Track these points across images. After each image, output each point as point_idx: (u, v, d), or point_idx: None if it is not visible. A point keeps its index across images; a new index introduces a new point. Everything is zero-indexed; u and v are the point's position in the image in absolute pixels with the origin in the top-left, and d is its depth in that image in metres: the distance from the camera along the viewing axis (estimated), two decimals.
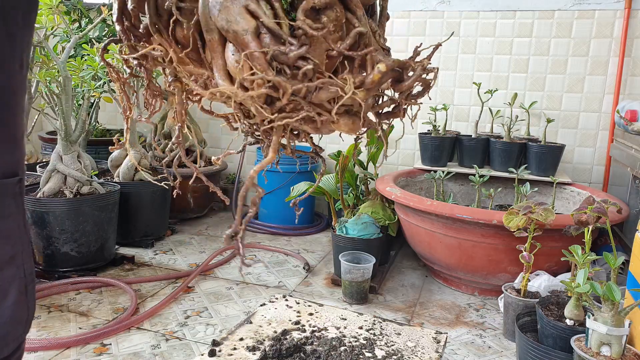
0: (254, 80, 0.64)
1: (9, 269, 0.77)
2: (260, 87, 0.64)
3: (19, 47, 0.76)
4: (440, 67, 3.04)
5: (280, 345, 1.44)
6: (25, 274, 0.80)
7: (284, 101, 0.66)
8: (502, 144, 2.61)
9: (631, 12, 2.64)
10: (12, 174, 0.78)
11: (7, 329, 0.78)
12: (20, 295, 0.79)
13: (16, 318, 0.79)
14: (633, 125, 2.24)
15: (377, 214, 2.44)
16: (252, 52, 0.63)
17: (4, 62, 0.73)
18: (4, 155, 0.76)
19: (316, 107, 0.68)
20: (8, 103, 0.75)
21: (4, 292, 0.77)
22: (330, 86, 0.65)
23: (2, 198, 0.76)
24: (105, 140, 3.48)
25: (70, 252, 2.27)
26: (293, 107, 0.68)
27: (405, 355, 1.43)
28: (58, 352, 1.68)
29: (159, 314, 1.98)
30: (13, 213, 0.78)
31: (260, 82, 0.63)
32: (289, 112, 0.68)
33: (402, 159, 3.22)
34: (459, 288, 2.34)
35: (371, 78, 0.65)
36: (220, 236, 3.01)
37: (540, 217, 1.82)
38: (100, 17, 2.34)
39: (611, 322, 1.28)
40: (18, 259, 0.79)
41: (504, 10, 2.87)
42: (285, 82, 0.64)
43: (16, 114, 0.77)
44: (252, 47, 0.63)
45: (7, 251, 0.77)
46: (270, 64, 0.64)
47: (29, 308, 0.82)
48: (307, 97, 0.67)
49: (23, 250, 0.80)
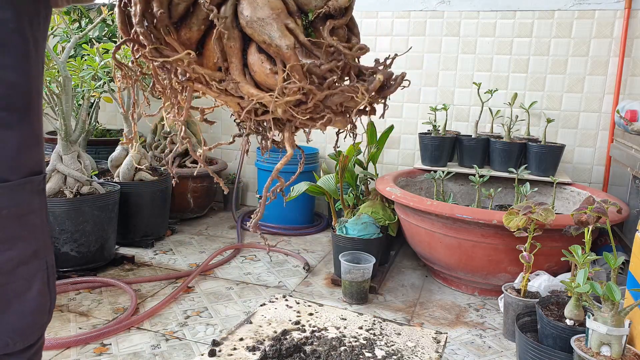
0: (291, 88, 0.76)
1: (33, 262, 0.83)
2: (295, 94, 0.76)
3: (42, 49, 0.81)
4: (440, 67, 3.04)
5: (280, 345, 1.44)
6: (47, 265, 0.86)
7: (310, 105, 0.78)
8: (502, 144, 2.61)
9: (631, 12, 2.64)
10: (38, 172, 0.83)
11: (33, 318, 0.84)
12: (44, 286, 0.85)
13: (40, 308, 0.85)
14: (633, 125, 2.24)
15: (377, 214, 2.44)
16: (295, 65, 0.75)
17: (32, 66, 0.78)
18: (32, 154, 0.82)
19: (329, 109, 0.81)
20: (35, 105, 0.81)
21: (29, 284, 0.82)
22: (345, 93, 0.78)
23: (29, 195, 0.81)
24: (105, 140, 3.48)
25: (70, 252, 2.27)
26: (313, 109, 0.80)
27: (405, 355, 1.43)
28: (58, 352, 1.68)
29: (159, 314, 1.98)
30: (37, 209, 0.83)
31: (296, 89, 0.75)
32: (310, 113, 0.81)
33: (402, 159, 3.22)
34: (459, 288, 2.34)
35: (373, 86, 0.78)
36: (221, 236, 3.01)
37: (540, 217, 1.82)
38: (100, 17, 2.34)
39: (611, 322, 1.28)
40: (41, 253, 0.84)
41: (504, 10, 2.87)
42: (317, 90, 0.76)
43: (40, 115, 0.83)
44: (293, 60, 0.75)
45: (32, 245, 0.82)
46: (305, 75, 0.76)
47: (51, 298, 0.87)
48: (324, 102, 0.79)
49: (45, 244, 0.86)
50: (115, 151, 2.78)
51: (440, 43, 3.02)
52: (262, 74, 0.78)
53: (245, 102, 0.81)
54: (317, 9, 0.78)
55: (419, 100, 3.12)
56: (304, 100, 0.78)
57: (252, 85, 0.79)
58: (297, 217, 3.16)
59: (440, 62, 3.03)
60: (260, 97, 0.78)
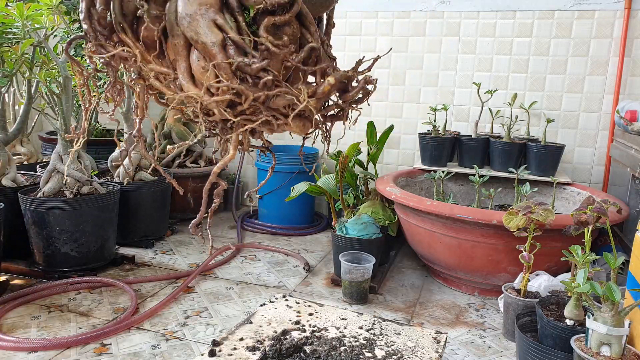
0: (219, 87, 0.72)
1: None
2: (225, 93, 0.73)
3: None
4: (440, 67, 3.04)
5: (280, 345, 1.44)
6: None
7: (245, 106, 0.75)
8: (502, 144, 2.61)
9: (631, 12, 2.64)
10: None
11: None
12: None
13: None
14: (633, 125, 2.24)
15: (377, 214, 2.44)
16: (219, 62, 0.71)
17: None
18: None
19: (273, 111, 0.78)
20: None
21: None
22: (287, 95, 0.75)
23: None
24: (105, 140, 3.48)
25: (70, 252, 2.27)
26: (253, 111, 0.77)
27: (405, 355, 1.43)
28: (58, 352, 1.68)
29: (159, 314, 1.98)
30: None
31: (225, 89, 0.72)
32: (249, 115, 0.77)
33: (402, 159, 3.22)
34: (459, 288, 2.34)
35: (322, 89, 0.76)
36: (221, 236, 3.01)
37: (540, 217, 1.82)
38: None
39: (611, 322, 1.28)
40: None
41: (504, 10, 2.87)
42: (248, 90, 0.73)
43: None
44: (220, 58, 0.72)
45: None
46: (234, 73, 0.73)
47: None
48: (265, 103, 0.76)
49: None
50: (115, 151, 2.78)
51: (440, 43, 3.02)
52: (197, 72, 0.75)
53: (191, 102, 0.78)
54: (255, 4, 0.75)
55: (419, 100, 3.12)
56: (238, 102, 0.75)
57: (192, 84, 0.76)
58: (297, 217, 3.16)
59: (440, 62, 3.03)
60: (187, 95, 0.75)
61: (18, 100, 2.85)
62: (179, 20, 0.71)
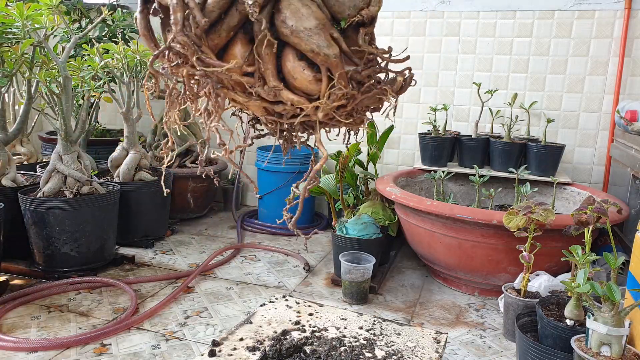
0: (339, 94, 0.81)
1: None
2: (340, 99, 0.81)
3: None
4: (441, 67, 3.04)
5: (280, 346, 1.43)
6: None
7: (348, 108, 0.84)
8: (502, 144, 2.61)
9: (631, 12, 2.64)
10: None
11: None
12: None
13: None
14: (633, 125, 2.24)
15: (377, 214, 2.43)
16: (342, 72, 0.80)
17: None
18: None
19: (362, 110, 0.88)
20: None
21: None
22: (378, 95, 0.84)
23: None
24: (105, 140, 3.48)
25: (70, 252, 2.27)
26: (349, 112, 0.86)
27: (405, 355, 1.43)
28: (58, 352, 1.68)
29: (159, 314, 1.98)
30: None
31: (340, 93, 0.80)
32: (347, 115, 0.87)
33: (402, 159, 3.22)
34: (459, 288, 2.34)
35: (396, 87, 0.85)
36: (221, 236, 3.01)
37: (540, 217, 1.82)
38: (101, 17, 2.34)
39: (611, 322, 1.28)
40: None
41: (504, 10, 2.87)
42: (357, 94, 0.82)
43: None
44: (340, 68, 0.80)
45: None
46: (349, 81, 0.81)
47: None
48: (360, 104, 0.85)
49: None
50: (115, 151, 2.78)
51: (440, 43, 3.02)
52: (304, 81, 0.81)
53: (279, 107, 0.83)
54: (350, 17, 0.84)
55: (419, 100, 3.12)
56: (344, 104, 0.83)
57: (290, 91, 0.83)
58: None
59: (440, 62, 3.03)
60: (302, 103, 0.82)
61: (18, 100, 2.85)
62: (294, 34, 0.77)
